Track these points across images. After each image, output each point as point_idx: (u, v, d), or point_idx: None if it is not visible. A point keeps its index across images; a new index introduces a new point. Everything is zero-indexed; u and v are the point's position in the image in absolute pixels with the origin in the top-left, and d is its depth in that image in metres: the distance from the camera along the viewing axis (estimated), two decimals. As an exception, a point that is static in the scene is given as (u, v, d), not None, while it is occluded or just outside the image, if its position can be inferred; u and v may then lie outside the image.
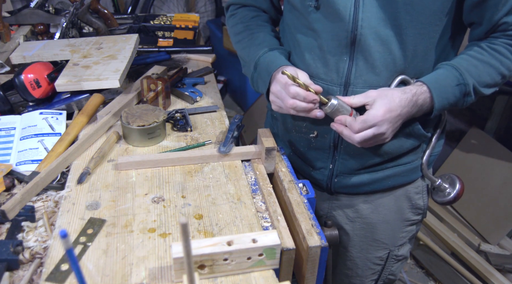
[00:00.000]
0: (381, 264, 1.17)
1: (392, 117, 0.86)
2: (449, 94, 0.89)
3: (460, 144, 2.24)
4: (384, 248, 1.14)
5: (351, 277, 1.21)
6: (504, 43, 0.89)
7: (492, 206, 2.05)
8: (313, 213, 0.87)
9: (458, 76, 0.88)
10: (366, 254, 1.15)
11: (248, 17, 1.10)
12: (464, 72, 0.88)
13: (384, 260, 1.16)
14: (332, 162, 1.04)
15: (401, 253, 1.17)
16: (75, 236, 0.80)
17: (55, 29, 1.62)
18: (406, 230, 1.14)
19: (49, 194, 0.92)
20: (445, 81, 0.89)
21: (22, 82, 1.16)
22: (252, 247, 0.71)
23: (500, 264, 1.93)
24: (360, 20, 0.87)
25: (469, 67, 0.89)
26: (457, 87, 0.88)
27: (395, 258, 1.16)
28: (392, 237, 1.13)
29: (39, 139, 1.06)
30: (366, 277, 1.19)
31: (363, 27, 0.87)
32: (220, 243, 0.71)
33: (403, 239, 1.15)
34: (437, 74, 0.90)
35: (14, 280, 0.73)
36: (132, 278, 0.72)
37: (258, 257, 0.72)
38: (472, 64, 0.89)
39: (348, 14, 0.87)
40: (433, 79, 0.89)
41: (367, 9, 0.86)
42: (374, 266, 1.17)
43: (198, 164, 1.00)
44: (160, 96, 1.20)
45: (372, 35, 0.87)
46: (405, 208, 1.10)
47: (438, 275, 2.02)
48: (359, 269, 1.18)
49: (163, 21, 1.85)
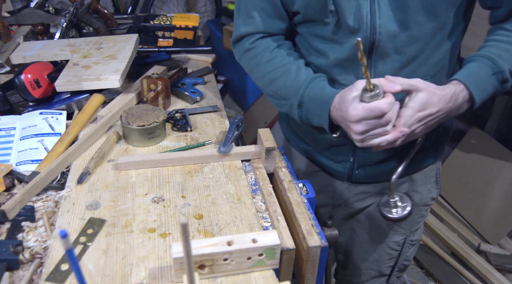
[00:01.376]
0: (397, 250, 1.18)
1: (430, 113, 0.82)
2: (488, 86, 0.86)
3: (460, 144, 2.24)
4: (401, 233, 1.16)
5: (368, 262, 1.22)
6: None
7: (492, 206, 2.05)
8: (313, 213, 0.87)
9: (491, 65, 0.86)
10: (384, 238, 1.17)
11: (271, 48, 1.00)
12: (497, 59, 0.85)
13: (401, 245, 1.18)
14: (353, 155, 1.04)
15: (416, 238, 1.19)
16: (75, 236, 0.80)
17: (55, 29, 1.62)
18: (423, 214, 1.16)
19: (49, 194, 0.92)
20: (480, 74, 0.85)
21: (22, 82, 1.16)
22: (252, 247, 0.71)
23: (500, 264, 1.93)
24: (378, 27, 0.86)
25: (500, 53, 0.86)
26: (493, 76, 0.86)
27: (410, 242, 1.18)
28: (410, 222, 1.14)
29: (39, 139, 1.06)
30: (383, 262, 1.20)
31: (381, 33, 0.87)
32: (220, 243, 0.71)
33: (418, 224, 1.17)
34: (470, 68, 0.87)
35: (14, 280, 0.73)
36: (132, 278, 0.72)
37: (258, 257, 0.72)
38: (502, 49, 0.87)
39: (365, 23, 0.86)
40: (467, 74, 0.86)
41: (383, 15, 0.86)
42: (391, 251, 1.18)
43: (198, 164, 1.00)
44: (160, 96, 1.20)
45: (390, 39, 0.87)
46: (424, 193, 1.12)
47: (438, 275, 2.02)
48: (376, 253, 1.19)
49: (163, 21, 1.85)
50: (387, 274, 1.23)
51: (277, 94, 0.98)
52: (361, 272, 1.25)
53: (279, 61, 0.97)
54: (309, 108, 0.91)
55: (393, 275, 1.23)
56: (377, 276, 1.24)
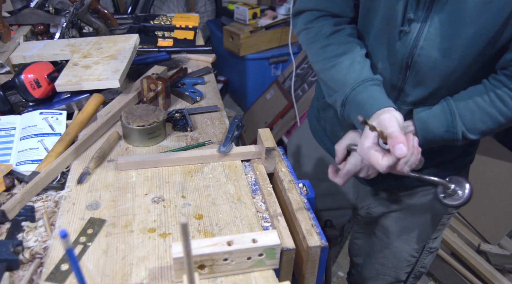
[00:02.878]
0: (416, 257, 1.18)
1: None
2: (437, 139, 0.87)
3: (460, 144, 2.24)
4: (422, 239, 1.15)
5: (387, 267, 1.21)
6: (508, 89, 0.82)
7: (492, 206, 2.05)
8: (313, 213, 0.87)
9: (449, 122, 0.85)
10: (405, 245, 1.15)
11: (327, 33, 0.92)
12: (457, 118, 0.85)
13: (419, 252, 1.17)
14: None
15: (435, 245, 1.18)
16: (75, 236, 0.80)
17: (55, 29, 1.62)
18: (443, 222, 1.14)
19: (49, 194, 0.92)
20: (435, 125, 0.86)
21: (22, 82, 1.16)
22: (252, 247, 0.71)
23: (500, 264, 1.93)
24: (419, 48, 0.83)
25: (465, 112, 0.85)
26: (445, 132, 0.86)
27: (429, 250, 1.17)
28: (431, 229, 1.13)
29: (39, 139, 1.06)
30: (401, 268, 1.20)
31: (420, 55, 0.84)
32: (220, 243, 0.71)
33: (439, 232, 1.16)
34: (431, 113, 0.87)
35: (14, 280, 0.73)
36: (132, 278, 0.72)
37: (258, 257, 0.72)
38: (469, 109, 0.85)
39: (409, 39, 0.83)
40: (423, 121, 0.87)
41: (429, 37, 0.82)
42: (410, 258, 1.18)
43: (198, 164, 1.00)
44: (160, 96, 1.20)
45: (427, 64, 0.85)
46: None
47: (438, 275, 2.02)
48: (395, 260, 1.18)
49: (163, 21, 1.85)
50: (402, 280, 1.23)
51: (326, 83, 0.93)
52: (378, 276, 1.25)
53: (333, 50, 0.90)
54: (352, 111, 0.88)
55: (408, 281, 1.23)
56: (393, 282, 1.24)
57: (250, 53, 2.98)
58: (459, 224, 2.15)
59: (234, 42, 2.93)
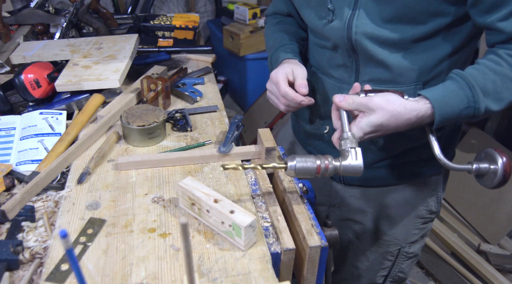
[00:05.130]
0: (391, 260, 1.17)
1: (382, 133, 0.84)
2: (454, 116, 0.81)
3: (460, 144, 2.24)
4: (396, 243, 1.14)
5: (361, 270, 1.22)
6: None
7: (492, 206, 2.05)
8: (313, 213, 0.87)
9: (469, 97, 0.79)
10: (378, 248, 1.16)
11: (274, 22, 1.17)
12: (478, 92, 0.79)
13: (394, 256, 1.16)
14: None
15: (412, 250, 1.17)
16: (75, 236, 0.80)
17: (55, 29, 1.62)
18: (419, 227, 1.14)
19: (49, 194, 0.92)
20: (454, 102, 0.80)
21: (22, 82, 1.16)
22: (225, 215, 0.77)
23: (500, 264, 1.93)
24: (354, 27, 0.89)
25: (486, 84, 0.79)
26: (465, 109, 0.80)
27: (405, 254, 1.17)
28: (404, 233, 1.13)
29: (39, 139, 1.06)
30: (376, 271, 1.20)
31: (357, 33, 0.89)
32: (210, 196, 0.80)
33: (415, 236, 1.15)
34: (447, 90, 0.81)
35: (14, 280, 0.73)
36: (132, 278, 0.72)
37: (229, 227, 0.77)
38: (489, 79, 0.79)
39: (344, 22, 0.90)
40: (442, 99, 0.80)
41: (362, 16, 0.87)
42: (385, 262, 1.18)
43: (198, 164, 1.00)
44: (160, 96, 1.20)
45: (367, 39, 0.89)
46: (419, 205, 1.10)
47: (438, 275, 2.02)
48: (369, 263, 1.19)
49: (163, 21, 1.85)
50: (379, 283, 1.23)
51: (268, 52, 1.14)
52: (353, 277, 1.25)
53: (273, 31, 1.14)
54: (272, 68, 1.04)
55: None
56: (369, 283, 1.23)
57: (250, 53, 2.98)
58: (459, 224, 2.15)
59: (234, 42, 2.93)
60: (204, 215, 0.82)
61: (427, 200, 1.10)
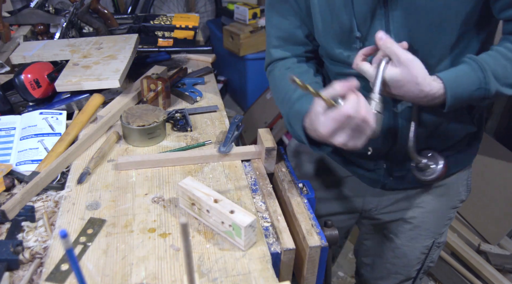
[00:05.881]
0: (426, 253, 1.18)
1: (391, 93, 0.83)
2: (465, 97, 0.82)
3: (460, 143, 2.24)
4: (431, 236, 1.15)
5: (398, 266, 1.22)
6: None
7: (492, 206, 2.05)
8: (313, 213, 0.87)
9: (481, 79, 0.81)
10: (415, 244, 1.16)
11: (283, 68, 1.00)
12: (489, 75, 0.80)
13: (429, 248, 1.17)
14: (386, 162, 1.03)
15: (442, 240, 1.18)
16: (75, 236, 0.80)
17: (55, 29, 1.62)
18: (451, 217, 1.15)
19: (49, 194, 0.92)
20: (466, 83, 0.81)
21: (22, 82, 1.16)
22: (225, 215, 0.77)
23: (500, 264, 1.93)
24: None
25: (496, 68, 0.81)
26: (476, 90, 0.82)
27: (437, 245, 1.18)
28: (438, 225, 1.14)
29: (39, 139, 1.06)
30: (412, 266, 1.20)
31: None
32: (211, 196, 0.80)
33: (445, 226, 1.16)
34: (459, 72, 0.82)
35: (14, 280, 0.73)
36: (132, 278, 0.72)
37: (229, 227, 0.77)
38: (500, 64, 0.82)
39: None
40: (452, 78, 0.82)
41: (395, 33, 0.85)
42: (421, 255, 1.18)
43: (198, 164, 1.00)
44: (160, 96, 1.20)
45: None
46: (454, 197, 1.12)
47: (438, 275, 2.02)
48: (406, 258, 1.19)
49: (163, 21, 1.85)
50: (413, 277, 1.23)
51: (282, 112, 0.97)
52: (389, 276, 1.25)
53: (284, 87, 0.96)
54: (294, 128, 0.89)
55: (418, 277, 1.23)
56: (404, 280, 1.24)
57: (250, 53, 2.98)
58: (459, 224, 2.15)
59: (234, 42, 2.93)
60: (204, 215, 0.82)
61: (459, 190, 1.12)
